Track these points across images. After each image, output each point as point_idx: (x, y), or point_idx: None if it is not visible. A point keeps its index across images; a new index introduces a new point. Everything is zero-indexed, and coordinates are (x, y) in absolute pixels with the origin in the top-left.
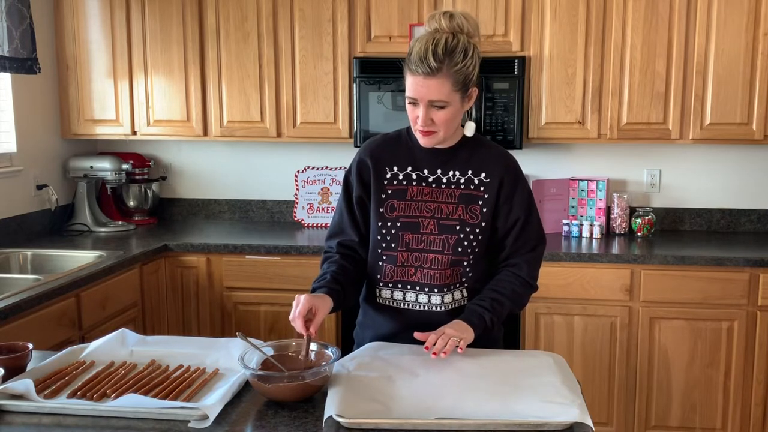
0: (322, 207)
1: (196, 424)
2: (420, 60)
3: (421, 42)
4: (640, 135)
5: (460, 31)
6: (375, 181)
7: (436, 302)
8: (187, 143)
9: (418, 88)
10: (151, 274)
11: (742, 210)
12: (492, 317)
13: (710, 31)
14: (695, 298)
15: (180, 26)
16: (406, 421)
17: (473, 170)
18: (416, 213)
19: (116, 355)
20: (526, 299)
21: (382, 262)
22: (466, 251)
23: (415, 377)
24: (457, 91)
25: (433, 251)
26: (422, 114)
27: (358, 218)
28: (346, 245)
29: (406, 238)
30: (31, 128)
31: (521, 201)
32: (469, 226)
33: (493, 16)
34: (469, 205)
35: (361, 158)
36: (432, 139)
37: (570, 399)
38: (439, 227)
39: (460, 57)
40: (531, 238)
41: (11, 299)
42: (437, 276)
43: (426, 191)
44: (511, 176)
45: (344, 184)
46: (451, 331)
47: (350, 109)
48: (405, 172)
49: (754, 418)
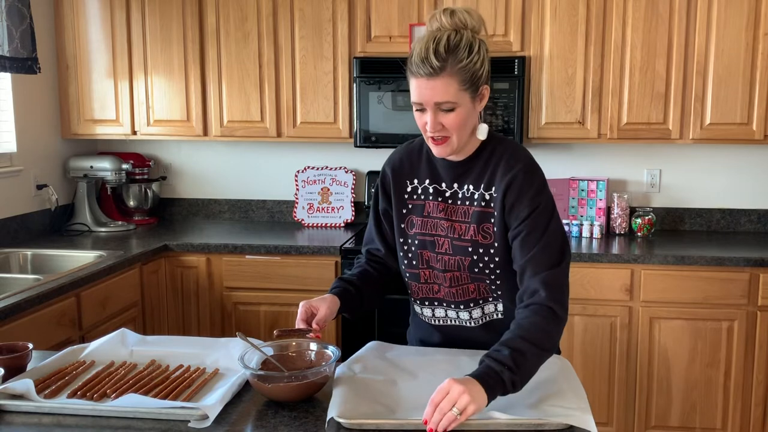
0: (322, 207)
1: (196, 424)
2: (421, 61)
3: (421, 42)
4: (640, 135)
5: (464, 27)
6: (396, 195)
7: (465, 318)
8: (187, 143)
9: (422, 90)
10: (151, 274)
11: (742, 210)
12: (513, 377)
13: (710, 31)
14: (695, 298)
15: (180, 26)
16: (407, 421)
17: (485, 184)
18: (432, 231)
19: (116, 355)
20: (557, 335)
21: (407, 279)
22: (483, 271)
23: (417, 378)
24: (465, 90)
25: (450, 270)
26: (430, 119)
27: (385, 230)
28: (374, 254)
29: (425, 256)
30: (31, 128)
31: (524, 216)
32: (482, 247)
33: (493, 15)
34: (482, 224)
35: (383, 170)
36: (446, 148)
37: (575, 402)
38: (453, 248)
39: (464, 53)
40: (546, 254)
41: (11, 299)
42: (460, 293)
43: (441, 207)
44: (516, 189)
45: (375, 194)
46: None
47: (350, 109)
48: (424, 186)
49: (754, 418)
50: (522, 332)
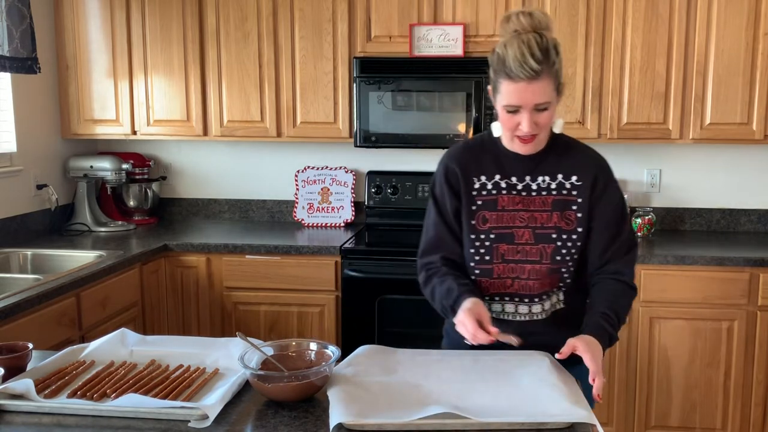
0: (322, 207)
1: (196, 424)
2: (520, 65)
3: (512, 46)
4: (640, 135)
5: (542, 28)
6: (464, 193)
7: (537, 311)
8: (187, 143)
9: (522, 93)
10: (151, 273)
11: (742, 210)
12: (612, 338)
13: (710, 31)
14: (695, 298)
15: (180, 26)
16: (408, 422)
17: (564, 174)
18: (509, 223)
19: (116, 355)
20: (631, 307)
21: (475, 276)
22: (564, 258)
23: (415, 379)
24: (555, 89)
25: (531, 261)
26: (527, 119)
27: (457, 230)
28: (450, 259)
29: (500, 249)
30: (31, 128)
31: (615, 202)
32: (565, 233)
33: (493, 15)
34: (564, 212)
35: (447, 165)
36: (534, 145)
37: (574, 399)
38: (535, 237)
39: (554, 55)
40: (626, 240)
41: (11, 299)
42: (536, 285)
43: (517, 200)
44: (604, 177)
45: (433, 197)
46: (596, 360)
47: (350, 109)
48: (493, 181)
49: (754, 418)
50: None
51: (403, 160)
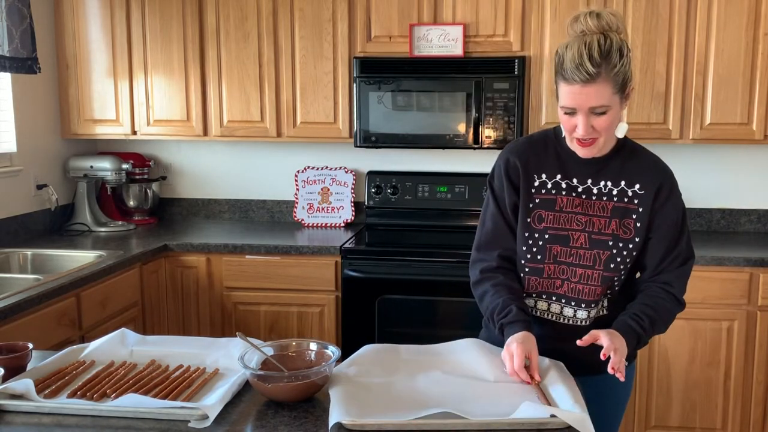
0: (322, 207)
1: (196, 424)
2: (576, 67)
3: (572, 48)
4: (640, 135)
5: (610, 30)
6: (523, 189)
7: (582, 317)
8: (187, 143)
9: (577, 96)
10: (151, 274)
11: (742, 210)
12: (643, 340)
13: (710, 31)
14: (695, 298)
15: (180, 26)
16: (408, 422)
17: (626, 181)
18: (566, 225)
19: (116, 355)
20: (673, 319)
21: (524, 274)
22: (618, 267)
23: (416, 380)
24: (616, 93)
25: (583, 266)
26: (582, 122)
27: (514, 225)
28: (506, 257)
29: (554, 250)
30: (31, 128)
31: (676, 213)
32: (622, 242)
33: (493, 15)
34: (623, 219)
35: (508, 159)
36: (593, 149)
37: (571, 401)
38: (590, 242)
39: (617, 57)
40: (682, 252)
41: (11, 299)
42: (586, 291)
43: (576, 202)
44: (668, 187)
45: (491, 190)
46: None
47: (350, 109)
48: (554, 181)
49: (754, 418)
50: (656, 306)
51: (403, 160)
